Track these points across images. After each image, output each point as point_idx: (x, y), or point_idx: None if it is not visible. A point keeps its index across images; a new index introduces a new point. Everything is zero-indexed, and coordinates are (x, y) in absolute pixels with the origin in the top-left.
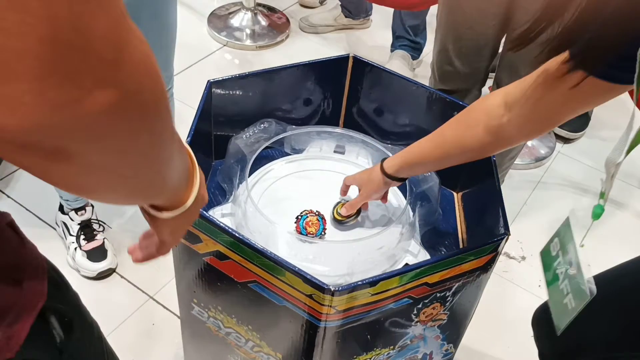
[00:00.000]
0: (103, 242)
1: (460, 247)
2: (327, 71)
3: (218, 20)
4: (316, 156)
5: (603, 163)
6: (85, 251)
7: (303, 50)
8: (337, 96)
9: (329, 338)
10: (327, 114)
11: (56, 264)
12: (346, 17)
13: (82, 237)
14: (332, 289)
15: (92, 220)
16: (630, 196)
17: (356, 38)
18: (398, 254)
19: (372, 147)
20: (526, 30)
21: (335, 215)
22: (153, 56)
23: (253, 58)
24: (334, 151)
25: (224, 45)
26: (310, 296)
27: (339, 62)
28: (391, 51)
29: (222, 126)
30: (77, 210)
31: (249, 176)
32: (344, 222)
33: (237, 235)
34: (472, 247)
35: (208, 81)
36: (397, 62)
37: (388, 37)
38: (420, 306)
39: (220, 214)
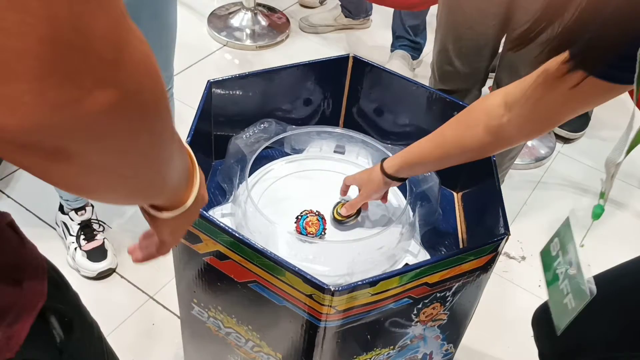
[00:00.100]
0: (103, 242)
1: (460, 247)
2: (327, 71)
3: (218, 20)
4: (316, 156)
5: (603, 163)
6: (85, 251)
7: (303, 50)
8: (337, 96)
9: (329, 338)
10: (327, 114)
11: (56, 264)
12: (346, 17)
13: (82, 237)
14: (332, 289)
15: (92, 220)
16: (630, 196)
17: (356, 38)
18: (398, 254)
19: (372, 147)
20: (526, 30)
21: (335, 215)
22: (153, 56)
23: (253, 58)
24: (334, 151)
25: (224, 45)
26: (310, 296)
27: (339, 62)
28: (391, 51)
29: (222, 126)
30: (77, 210)
31: (249, 176)
32: (344, 222)
33: (237, 235)
34: (472, 247)
35: (208, 81)
36: (397, 62)
37: (388, 37)
38: (420, 306)
39: (220, 214)
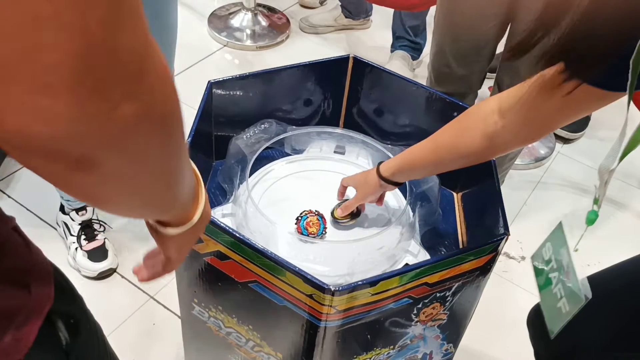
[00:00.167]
0: (104, 242)
1: (460, 247)
2: (327, 72)
3: (218, 20)
4: (316, 156)
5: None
6: (86, 251)
7: (303, 50)
8: (337, 97)
9: (329, 338)
10: (327, 115)
11: (57, 264)
12: (346, 18)
13: (83, 237)
14: (333, 289)
15: (93, 220)
16: (630, 196)
17: (356, 38)
18: (398, 254)
19: (372, 148)
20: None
21: (334, 215)
22: (168, 66)
23: (253, 58)
24: (334, 151)
25: (224, 45)
26: (310, 296)
27: (339, 63)
28: (391, 51)
29: (223, 126)
30: (78, 210)
31: (250, 176)
32: (342, 223)
33: (238, 235)
34: (472, 247)
35: (208, 82)
36: (397, 63)
37: (388, 38)
38: (420, 306)
39: (220, 214)
